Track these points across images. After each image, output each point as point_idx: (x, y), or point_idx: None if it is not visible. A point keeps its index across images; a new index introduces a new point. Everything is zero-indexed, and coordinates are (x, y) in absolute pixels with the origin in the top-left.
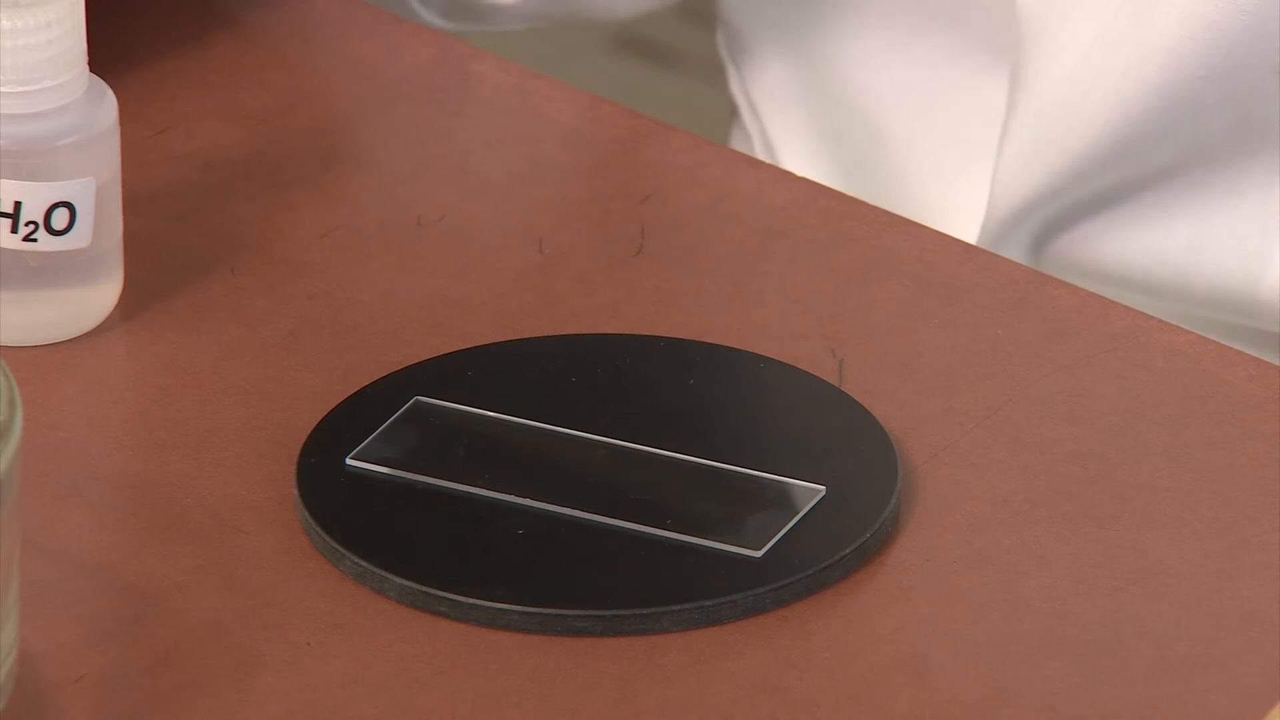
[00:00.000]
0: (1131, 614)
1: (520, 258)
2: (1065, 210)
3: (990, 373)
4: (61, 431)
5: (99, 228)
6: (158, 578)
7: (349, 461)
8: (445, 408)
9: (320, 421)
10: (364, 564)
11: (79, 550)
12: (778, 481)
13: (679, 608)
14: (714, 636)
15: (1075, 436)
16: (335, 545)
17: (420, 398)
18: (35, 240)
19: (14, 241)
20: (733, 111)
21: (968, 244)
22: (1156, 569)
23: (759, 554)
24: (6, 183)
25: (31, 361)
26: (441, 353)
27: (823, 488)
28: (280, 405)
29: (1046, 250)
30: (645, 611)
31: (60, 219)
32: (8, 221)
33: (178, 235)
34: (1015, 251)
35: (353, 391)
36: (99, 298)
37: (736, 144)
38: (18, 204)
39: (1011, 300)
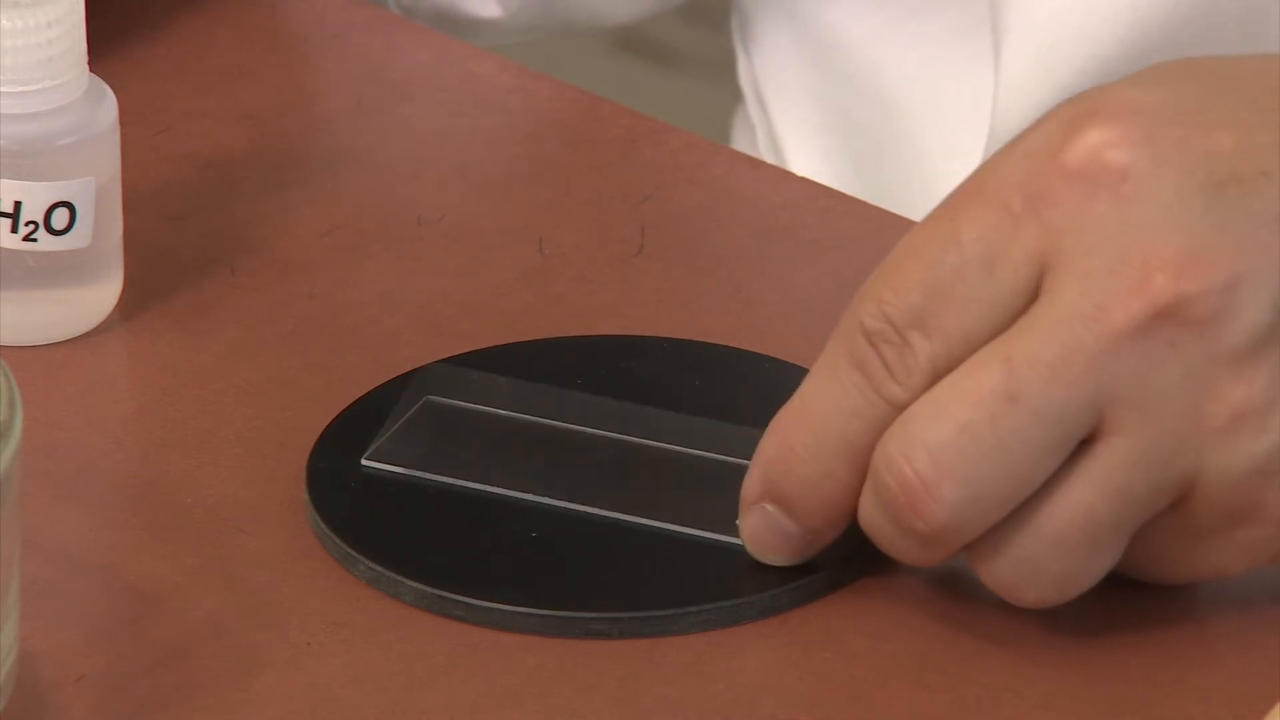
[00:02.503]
0: (1131, 614)
1: (520, 258)
2: None
3: None
4: (61, 431)
5: (99, 228)
6: (158, 578)
7: (364, 462)
8: (458, 407)
9: (328, 425)
10: (378, 568)
11: (79, 550)
12: None
13: (696, 609)
14: (714, 637)
15: None
16: (349, 550)
17: (431, 397)
18: (35, 240)
19: (14, 241)
20: (737, 103)
21: None
22: None
23: None
24: (6, 183)
25: (31, 361)
26: (442, 353)
27: None
28: (280, 405)
29: None
30: (662, 614)
31: (60, 219)
32: (7, 221)
33: (178, 235)
34: None
35: (353, 391)
36: (99, 298)
37: (739, 136)
38: (18, 204)
39: None
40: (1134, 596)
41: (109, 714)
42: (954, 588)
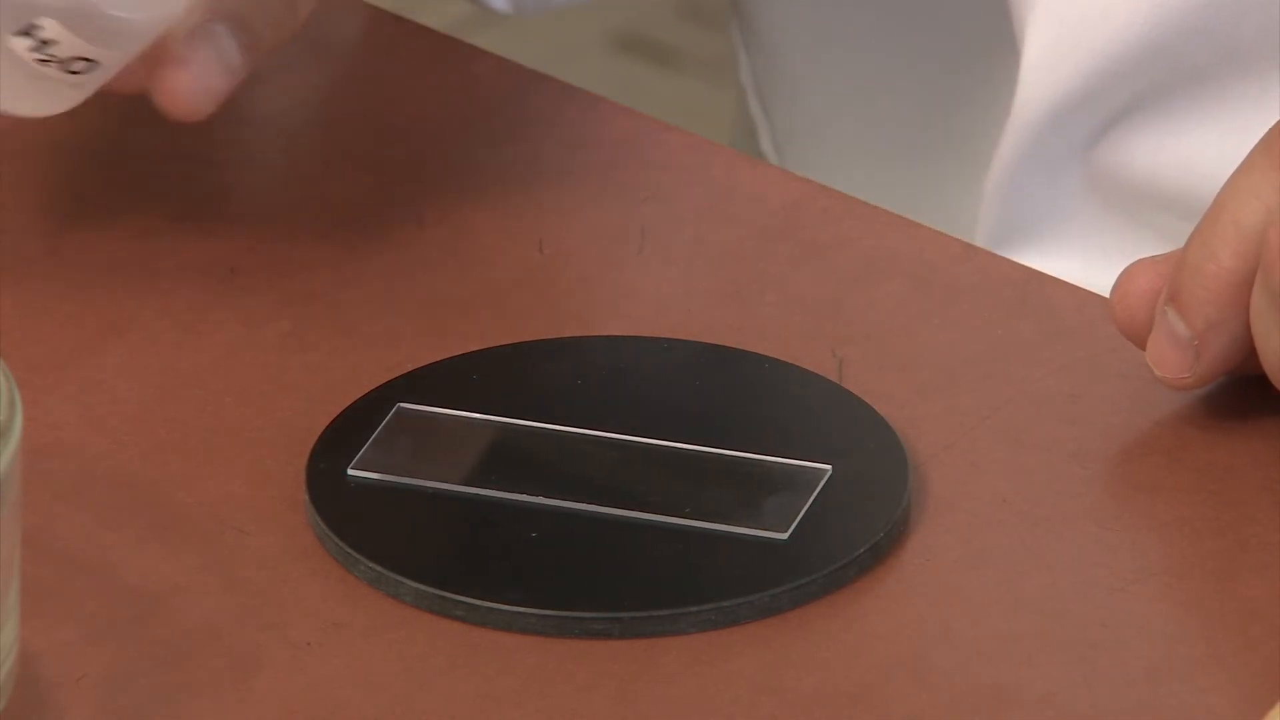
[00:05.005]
0: (1131, 614)
1: (520, 258)
2: (1096, 118)
3: (990, 373)
4: (61, 431)
5: None
6: (158, 578)
7: (350, 472)
8: (431, 413)
9: (328, 425)
10: (378, 568)
11: (79, 550)
12: (787, 464)
13: (696, 609)
14: (714, 637)
15: (1075, 436)
16: (349, 550)
17: (402, 404)
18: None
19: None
20: (737, 103)
21: (968, 244)
22: (1156, 569)
23: (785, 536)
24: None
25: (32, 361)
26: (442, 353)
27: (829, 467)
28: (280, 405)
29: (1077, 163)
30: (662, 614)
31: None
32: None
33: (177, 235)
34: (1044, 169)
35: (353, 391)
36: None
37: (739, 136)
38: None
39: (1011, 300)
40: (1133, 596)
41: (109, 714)
42: (954, 588)
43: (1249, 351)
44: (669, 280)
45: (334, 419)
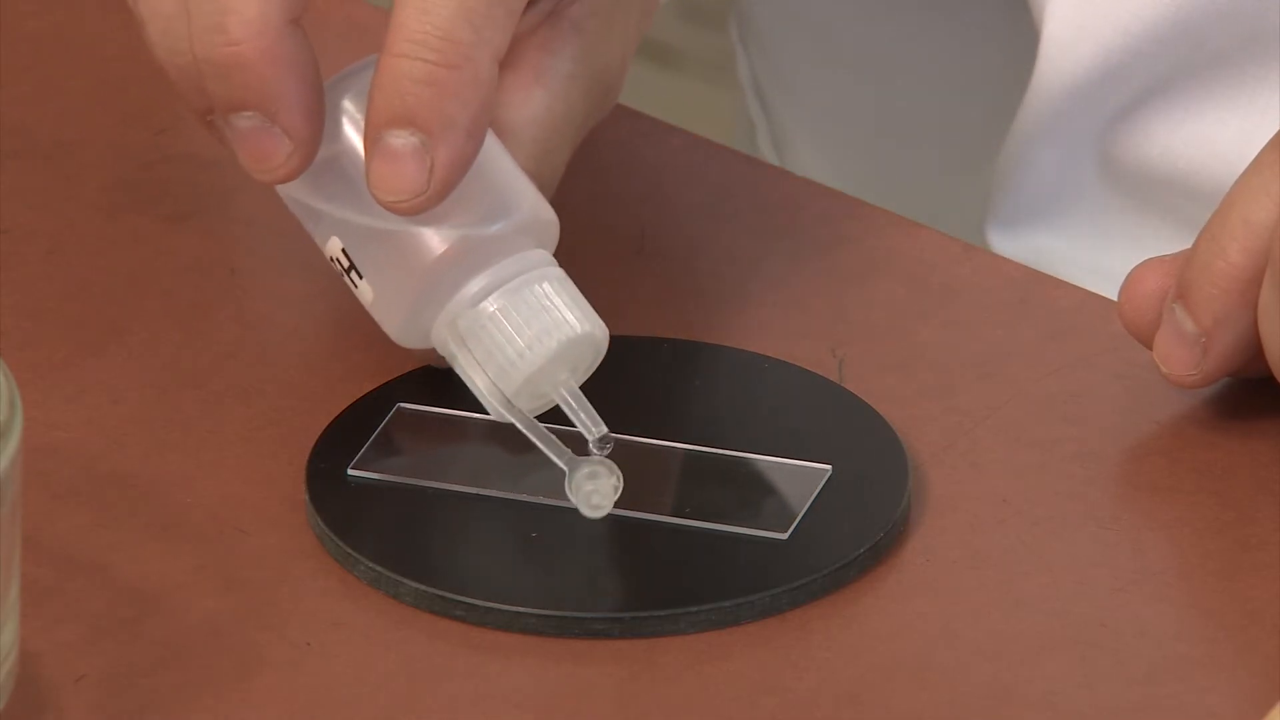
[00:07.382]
0: (1131, 614)
1: None
2: (1115, 98)
3: (990, 373)
4: (61, 431)
5: None
6: (158, 578)
7: (350, 472)
8: (431, 413)
9: (328, 425)
10: (378, 568)
11: (79, 550)
12: (787, 464)
13: (696, 609)
14: (714, 637)
15: (1075, 436)
16: (349, 550)
17: (402, 404)
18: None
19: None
20: (737, 102)
21: (967, 244)
22: (1156, 569)
23: (785, 536)
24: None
25: (32, 362)
26: None
27: (829, 467)
28: (281, 405)
29: (1092, 143)
30: (662, 614)
31: None
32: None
33: (178, 235)
34: (1059, 148)
35: (353, 391)
36: None
37: (739, 135)
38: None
39: (1011, 300)
40: (1133, 596)
41: (109, 714)
42: (954, 588)
43: (1255, 350)
44: (669, 280)
45: (334, 419)
